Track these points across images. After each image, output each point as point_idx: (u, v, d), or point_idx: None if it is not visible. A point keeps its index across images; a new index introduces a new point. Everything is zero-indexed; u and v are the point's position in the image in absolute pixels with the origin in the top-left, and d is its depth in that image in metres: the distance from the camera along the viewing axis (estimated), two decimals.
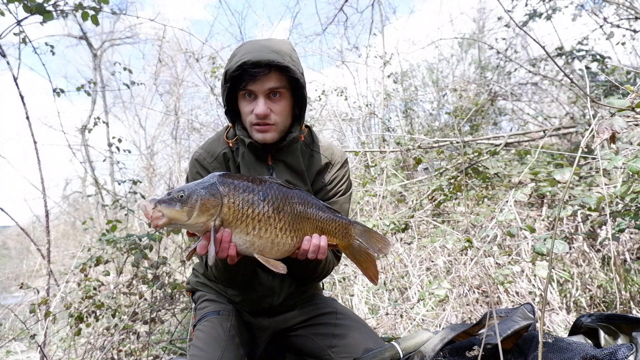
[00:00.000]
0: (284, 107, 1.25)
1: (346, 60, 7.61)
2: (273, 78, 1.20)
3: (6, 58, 2.84)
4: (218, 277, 1.33)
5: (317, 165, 1.40)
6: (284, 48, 1.24)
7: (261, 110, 1.20)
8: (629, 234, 2.87)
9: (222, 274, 1.29)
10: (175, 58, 10.86)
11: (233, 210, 1.01)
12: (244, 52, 1.21)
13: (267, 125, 1.24)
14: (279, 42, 1.27)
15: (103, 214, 6.79)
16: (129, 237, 2.85)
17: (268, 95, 1.22)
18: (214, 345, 1.26)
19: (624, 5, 4.29)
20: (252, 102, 1.24)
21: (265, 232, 1.05)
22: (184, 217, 0.95)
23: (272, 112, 1.23)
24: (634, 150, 2.12)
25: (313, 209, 1.15)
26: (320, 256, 1.14)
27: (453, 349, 1.21)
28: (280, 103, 1.24)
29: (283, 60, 1.18)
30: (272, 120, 1.24)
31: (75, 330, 2.68)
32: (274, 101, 1.23)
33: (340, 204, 1.41)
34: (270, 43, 1.24)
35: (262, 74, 1.17)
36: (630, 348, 1.00)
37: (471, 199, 3.52)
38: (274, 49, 1.21)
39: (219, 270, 1.28)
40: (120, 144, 4.18)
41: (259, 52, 1.18)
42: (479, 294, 2.81)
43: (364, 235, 1.20)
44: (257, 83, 1.19)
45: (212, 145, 1.38)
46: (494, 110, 6.01)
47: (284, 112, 1.26)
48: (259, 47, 1.21)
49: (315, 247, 1.12)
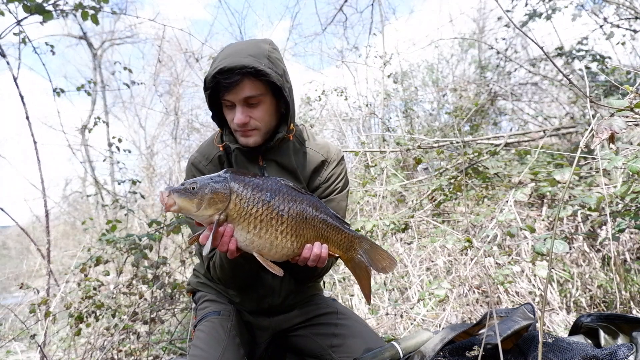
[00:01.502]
0: (264, 110, 1.24)
1: (346, 60, 7.61)
2: (247, 87, 1.18)
3: (6, 58, 2.84)
4: (219, 277, 1.33)
5: (312, 163, 1.40)
6: (263, 49, 1.22)
7: (239, 120, 1.21)
8: (629, 234, 2.87)
9: (224, 274, 1.29)
10: (175, 58, 10.87)
11: (238, 207, 1.05)
12: (222, 57, 1.20)
13: (248, 131, 1.25)
14: (258, 43, 1.25)
15: (103, 214, 6.79)
16: (128, 237, 2.85)
17: (246, 102, 1.21)
18: (214, 346, 1.26)
19: (624, 5, 4.29)
20: (232, 109, 1.24)
21: (266, 232, 1.06)
22: (192, 207, 1.01)
23: (251, 119, 1.23)
24: (634, 150, 2.12)
25: (320, 217, 1.15)
26: (320, 265, 1.15)
27: (453, 349, 1.21)
28: (259, 108, 1.23)
29: (259, 63, 1.16)
30: (253, 125, 1.24)
31: (75, 330, 2.68)
32: (253, 107, 1.22)
33: (337, 202, 1.42)
34: (248, 45, 1.23)
35: (235, 84, 1.16)
36: (630, 348, 1.00)
37: (471, 199, 3.52)
38: (250, 51, 1.19)
39: (223, 270, 1.28)
40: (120, 144, 4.17)
41: (234, 57, 1.17)
42: (479, 294, 2.81)
43: (370, 252, 1.20)
44: (232, 93, 1.19)
45: (208, 149, 1.40)
46: (494, 110, 6.01)
47: (265, 116, 1.25)
48: (236, 50, 1.20)
49: (315, 256, 1.12)
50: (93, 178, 7.32)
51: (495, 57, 6.35)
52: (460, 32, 8.60)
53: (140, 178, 9.19)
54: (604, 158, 1.77)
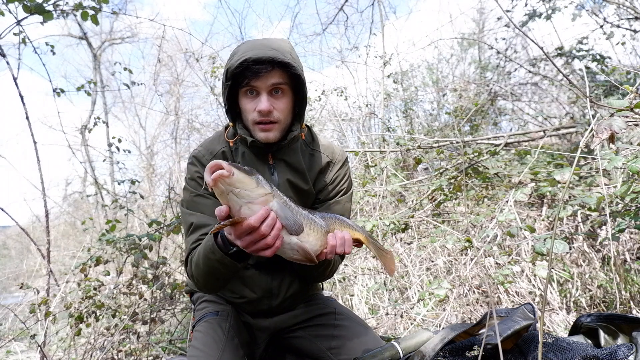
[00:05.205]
0: (286, 104, 1.24)
1: (346, 60, 7.62)
2: (276, 74, 1.19)
3: (6, 58, 2.84)
4: (197, 277, 1.20)
5: (318, 165, 1.39)
6: (283, 46, 1.23)
7: (264, 107, 1.19)
8: (629, 234, 2.87)
9: (204, 274, 1.16)
10: (175, 58, 10.86)
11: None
12: (244, 50, 1.20)
13: (270, 124, 1.23)
14: (279, 41, 1.26)
15: (103, 214, 6.79)
16: (128, 237, 2.85)
17: (270, 92, 1.21)
18: (212, 346, 1.26)
19: (624, 5, 4.29)
20: (254, 99, 1.22)
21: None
22: (252, 184, 0.93)
23: (274, 109, 1.22)
24: (634, 150, 2.12)
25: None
26: (347, 250, 1.12)
27: (453, 349, 1.21)
28: (282, 100, 1.23)
29: (284, 57, 1.17)
30: (275, 117, 1.22)
31: (75, 330, 2.68)
32: (277, 98, 1.22)
33: (343, 204, 1.41)
34: (270, 42, 1.24)
35: (264, 70, 1.16)
36: (630, 348, 1.00)
37: (471, 199, 3.52)
38: (274, 46, 1.20)
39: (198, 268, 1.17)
40: (120, 144, 4.18)
41: (260, 49, 1.17)
42: (479, 294, 2.81)
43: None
44: (260, 79, 1.18)
45: (212, 144, 1.37)
46: (494, 110, 6.01)
47: (286, 110, 1.25)
48: (260, 45, 1.20)
49: (341, 240, 1.10)
50: (93, 178, 7.31)
51: (495, 57, 6.35)
52: (460, 32, 8.59)
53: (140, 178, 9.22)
54: (604, 158, 1.77)
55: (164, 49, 8.21)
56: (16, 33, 2.84)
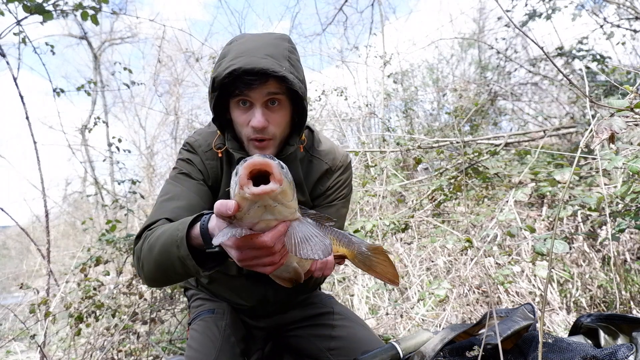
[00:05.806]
0: (283, 116, 1.10)
1: (346, 60, 7.64)
2: (271, 84, 1.03)
3: (6, 58, 2.84)
4: (144, 260, 0.99)
5: (316, 172, 1.30)
6: (281, 48, 1.06)
7: (259, 123, 1.04)
8: (629, 234, 2.87)
9: (154, 263, 0.96)
10: (175, 58, 10.87)
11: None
12: (234, 55, 1.03)
13: (265, 141, 1.09)
14: (275, 40, 1.08)
15: (103, 214, 6.79)
16: (128, 237, 2.85)
17: (266, 103, 1.06)
18: (209, 346, 1.24)
19: (624, 5, 4.29)
20: (247, 110, 1.07)
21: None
22: (291, 195, 0.72)
23: (270, 124, 1.07)
24: (634, 150, 2.12)
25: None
26: (327, 272, 1.08)
27: (453, 349, 1.21)
28: (279, 112, 1.09)
29: (280, 68, 1.00)
30: (271, 133, 1.09)
31: (75, 330, 2.68)
32: (273, 110, 1.07)
33: (337, 209, 1.34)
34: (265, 43, 1.06)
35: (258, 81, 1.01)
36: (630, 348, 1.00)
37: (471, 199, 3.52)
38: (269, 51, 1.03)
39: (154, 259, 0.95)
40: (120, 144, 4.18)
41: (252, 56, 1.01)
42: (479, 294, 2.81)
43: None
44: (253, 90, 1.03)
45: (210, 137, 1.25)
46: (494, 110, 6.01)
47: (283, 123, 1.11)
48: (253, 48, 1.03)
49: (322, 263, 1.06)
50: (93, 178, 7.31)
51: (495, 57, 6.35)
52: (460, 32, 8.60)
53: (140, 178, 9.20)
54: (604, 158, 1.77)
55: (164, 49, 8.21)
56: (16, 33, 2.84)
